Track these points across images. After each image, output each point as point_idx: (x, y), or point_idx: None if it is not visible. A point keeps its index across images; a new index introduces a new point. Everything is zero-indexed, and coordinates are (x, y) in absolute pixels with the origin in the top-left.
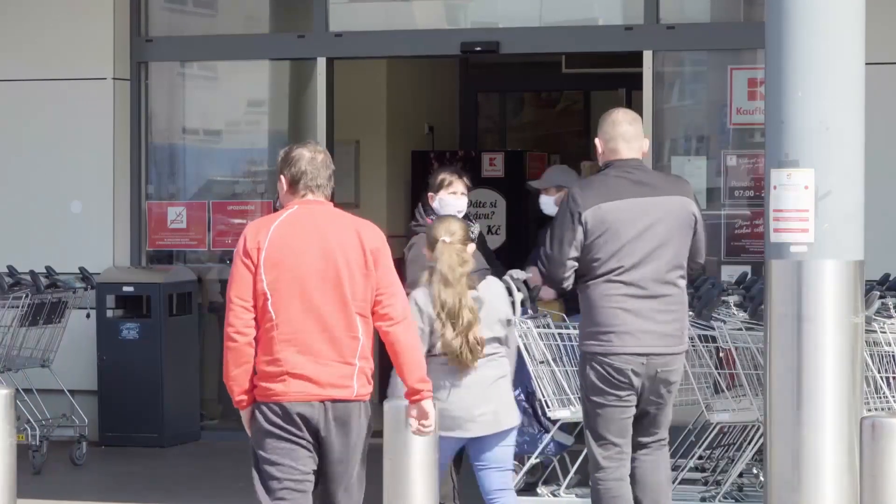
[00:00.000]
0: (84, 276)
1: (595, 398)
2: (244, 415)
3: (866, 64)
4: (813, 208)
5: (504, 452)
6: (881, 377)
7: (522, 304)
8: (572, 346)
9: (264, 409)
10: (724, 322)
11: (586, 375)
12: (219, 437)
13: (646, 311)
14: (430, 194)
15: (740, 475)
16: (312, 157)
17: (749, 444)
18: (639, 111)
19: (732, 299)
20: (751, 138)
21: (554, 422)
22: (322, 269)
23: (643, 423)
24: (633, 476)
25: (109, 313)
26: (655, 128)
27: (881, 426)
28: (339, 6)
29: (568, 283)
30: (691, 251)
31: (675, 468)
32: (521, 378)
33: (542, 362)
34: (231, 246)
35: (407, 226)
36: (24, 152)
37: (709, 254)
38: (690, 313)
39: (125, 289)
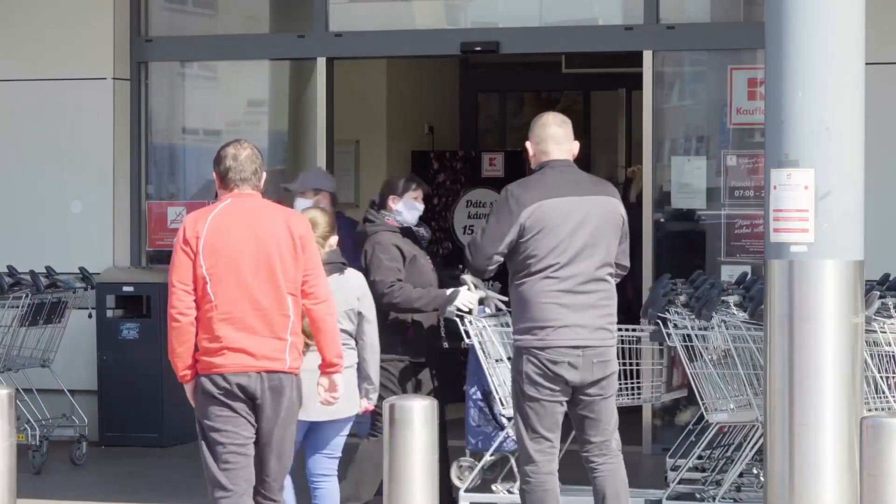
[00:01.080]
0: (84, 276)
1: (530, 392)
2: (188, 388)
3: (866, 64)
4: (813, 208)
5: (337, 440)
6: (881, 377)
7: (482, 302)
8: None
9: (206, 380)
10: (725, 322)
11: (522, 370)
12: None
13: (579, 305)
14: (392, 196)
15: (740, 475)
16: (236, 154)
17: (749, 444)
18: (639, 111)
19: (732, 299)
20: (751, 138)
21: (510, 419)
22: (255, 253)
23: (588, 416)
24: (593, 484)
25: (109, 313)
26: (655, 128)
27: (881, 426)
28: (339, 6)
29: (488, 274)
30: (618, 254)
31: (674, 468)
32: (478, 377)
33: (498, 360)
34: None
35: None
36: (24, 152)
37: (709, 254)
38: (688, 312)
39: (125, 289)
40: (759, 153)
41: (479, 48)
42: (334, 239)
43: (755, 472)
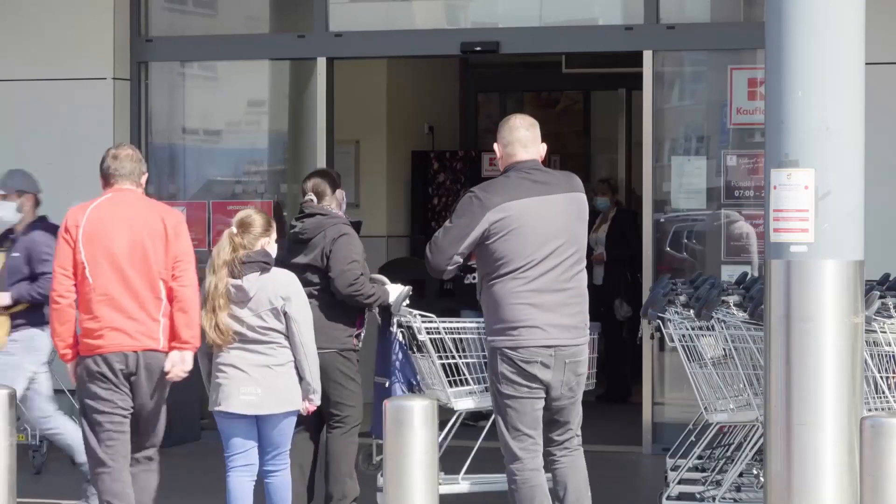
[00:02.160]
0: None
1: (507, 391)
2: (70, 367)
3: (866, 64)
4: (813, 208)
5: (275, 435)
6: (881, 377)
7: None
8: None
9: (88, 361)
10: (724, 322)
11: (497, 370)
12: (219, 438)
13: (551, 305)
14: (338, 189)
15: (740, 475)
16: (116, 154)
17: (749, 444)
18: (639, 111)
19: (732, 299)
20: (751, 138)
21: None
22: (129, 241)
23: (556, 419)
24: (553, 476)
25: None
26: (655, 128)
27: (881, 426)
28: (339, 6)
29: (447, 275)
30: None
31: (674, 468)
32: (404, 370)
33: (440, 356)
34: None
35: (407, 225)
36: (25, 152)
37: (709, 254)
38: (693, 313)
39: None
40: (759, 153)
41: (479, 48)
42: (265, 240)
43: (755, 472)
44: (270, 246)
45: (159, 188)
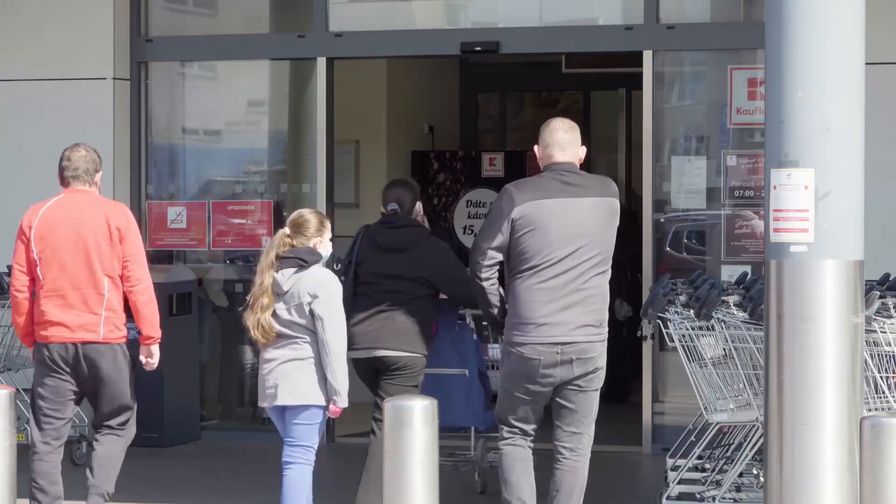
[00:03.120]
0: None
1: (507, 385)
2: (31, 352)
3: (866, 64)
4: (813, 208)
5: (295, 428)
6: (881, 377)
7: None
8: None
9: (40, 348)
10: (724, 322)
11: (504, 363)
12: (219, 437)
13: (566, 304)
14: (419, 201)
15: (740, 475)
16: (70, 155)
17: (749, 444)
18: (639, 111)
19: (732, 299)
20: (751, 138)
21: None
22: (74, 240)
23: (567, 409)
24: (553, 472)
25: None
26: (655, 128)
27: (881, 426)
28: (339, 6)
29: (485, 273)
30: None
31: (674, 468)
32: (480, 360)
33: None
34: (231, 246)
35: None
36: (25, 152)
37: (709, 254)
38: (693, 313)
39: None
40: (759, 153)
41: (479, 48)
42: (318, 240)
43: (755, 472)
44: (322, 245)
45: (159, 188)
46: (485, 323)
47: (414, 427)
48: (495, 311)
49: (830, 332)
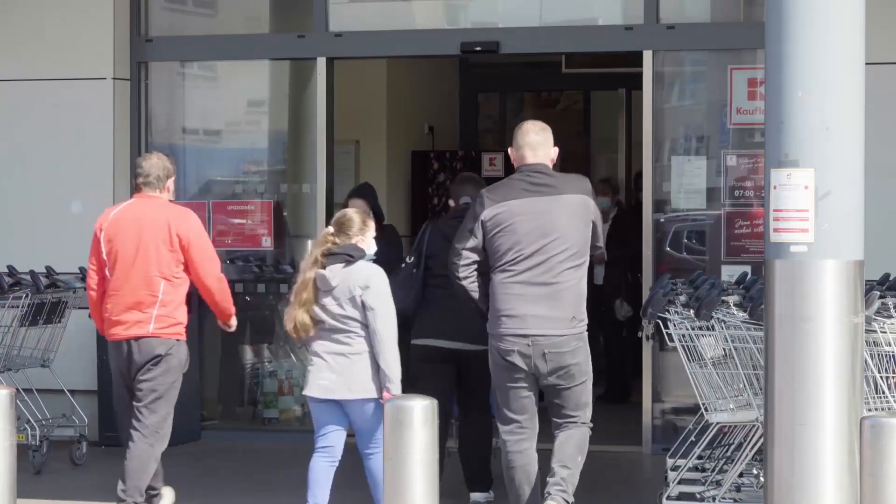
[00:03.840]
0: (84, 276)
1: (494, 377)
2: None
3: (866, 64)
4: (813, 208)
5: (362, 420)
6: (881, 377)
7: None
8: None
9: (107, 344)
10: (724, 322)
11: (489, 356)
12: (219, 437)
13: (536, 297)
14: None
15: (740, 475)
16: (142, 163)
17: (749, 444)
18: (639, 111)
19: (732, 299)
20: (751, 138)
21: None
22: (136, 243)
23: (553, 401)
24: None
25: None
26: (655, 128)
27: (881, 426)
28: (339, 6)
29: (462, 273)
30: (592, 238)
31: (674, 468)
32: None
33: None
34: (231, 246)
35: (407, 226)
36: (24, 152)
37: (709, 254)
38: (693, 313)
39: None
40: (759, 153)
41: (479, 48)
42: (360, 238)
43: (755, 472)
44: (366, 243)
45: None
46: None
47: (414, 427)
48: (480, 305)
49: (830, 332)
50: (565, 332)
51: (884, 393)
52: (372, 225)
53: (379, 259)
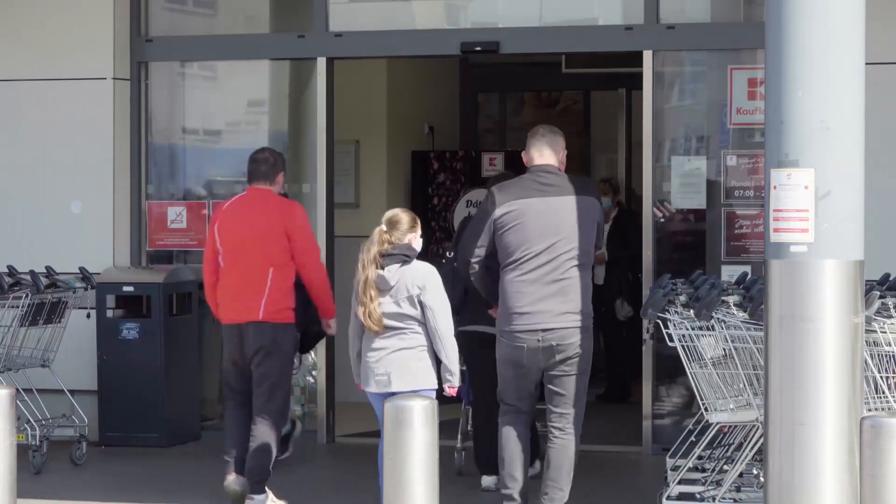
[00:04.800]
0: (84, 276)
1: (501, 369)
2: None
3: (866, 64)
4: (813, 208)
5: None
6: (881, 377)
7: None
8: None
9: (220, 327)
10: (724, 322)
11: (498, 349)
12: (219, 437)
13: (544, 293)
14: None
15: (740, 475)
16: (254, 157)
17: (749, 444)
18: (639, 111)
19: (732, 299)
20: (751, 138)
21: None
22: (246, 234)
23: (551, 393)
24: (547, 451)
25: (109, 313)
26: (655, 128)
27: (881, 426)
28: (339, 6)
29: (472, 269)
30: (596, 241)
31: (674, 468)
32: None
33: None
34: None
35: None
36: (24, 152)
37: (709, 254)
38: (693, 313)
39: (125, 289)
40: (759, 153)
41: (479, 48)
42: (411, 236)
43: (755, 472)
44: (416, 241)
45: (159, 188)
46: None
47: (414, 427)
48: (491, 297)
49: (830, 332)
50: (572, 325)
51: (884, 393)
52: (419, 224)
53: None
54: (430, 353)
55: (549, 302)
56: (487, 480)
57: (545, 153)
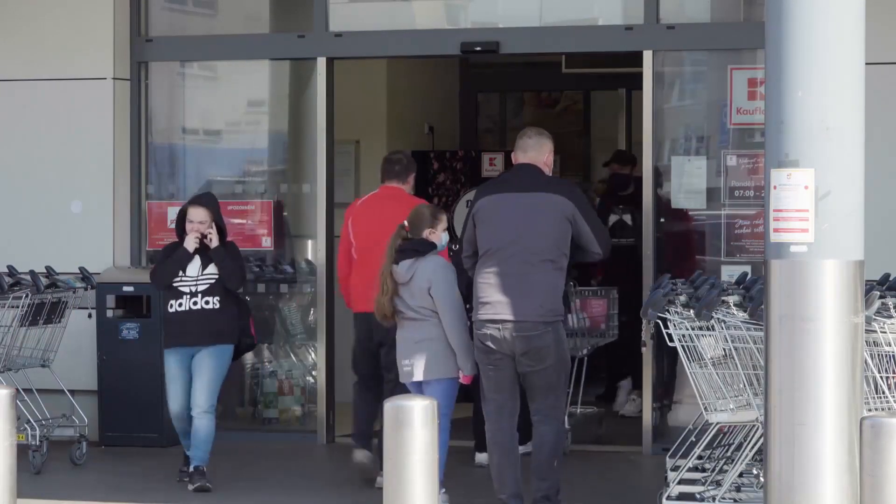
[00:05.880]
0: (84, 276)
1: (478, 360)
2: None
3: (866, 64)
4: (813, 208)
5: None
6: (881, 377)
7: None
8: None
9: (353, 315)
10: (724, 322)
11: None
12: (218, 437)
13: (507, 285)
14: None
15: (740, 475)
16: (389, 157)
17: (749, 444)
18: (639, 111)
19: (732, 299)
20: (751, 138)
21: None
22: (378, 229)
23: (527, 388)
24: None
25: (109, 313)
26: (655, 128)
27: (881, 426)
28: (339, 6)
29: (467, 264)
30: (581, 242)
31: (674, 468)
32: None
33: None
34: None
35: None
36: (24, 152)
37: (709, 254)
38: (693, 313)
39: (125, 289)
40: (759, 153)
41: (479, 48)
42: (429, 231)
43: (755, 472)
44: (436, 235)
45: (159, 188)
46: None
47: (414, 427)
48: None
49: (830, 332)
50: (533, 319)
51: (884, 393)
52: (443, 218)
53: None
54: (443, 342)
55: (510, 294)
56: (481, 457)
57: (529, 153)
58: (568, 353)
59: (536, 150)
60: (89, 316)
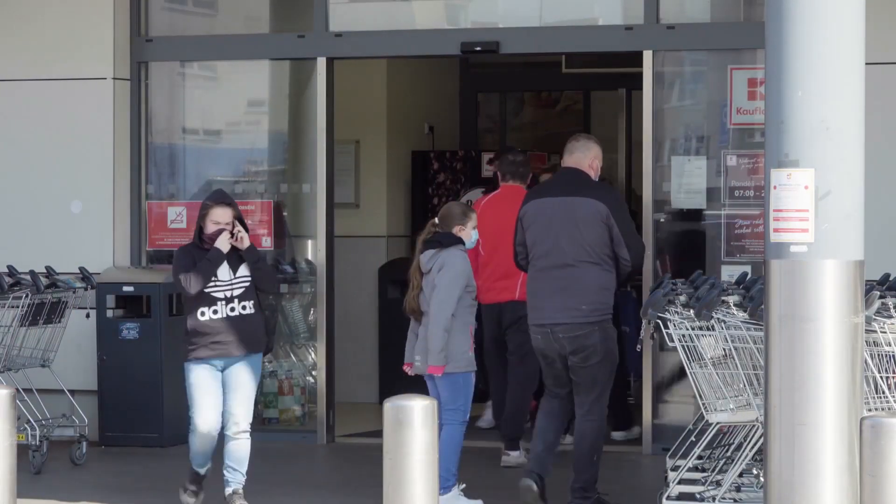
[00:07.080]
0: (84, 276)
1: (537, 356)
2: None
3: (866, 64)
4: (813, 208)
5: (441, 393)
6: (881, 377)
7: None
8: None
9: (481, 306)
10: (724, 322)
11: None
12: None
13: (550, 289)
14: None
15: (740, 475)
16: (513, 161)
17: (749, 444)
18: (639, 111)
19: (732, 299)
20: (751, 138)
21: None
22: (502, 225)
23: (574, 384)
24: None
25: (109, 313)
26: (655, 128)
27: (881, 426)
28: (339, 6)
29: (521, 264)
30: (612, 246)
31: (674, 468)
32: None
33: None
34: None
35: (407, 226)
36: (24, 152)
37: (709, 254)
38: (693, 313)
39: (125, 289)
40: (759, 153)
41: (479, 48)
42: (459, 227)
43: (755, 472)
44: (465, 233)
45: (159, 188)
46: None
47: (414, 427)
48: None
49: (830, 332)
50: (579, 319)
51: (884, 393)
52: (473, 217)
53: None
54: (462, 336)
55: (556, 297)
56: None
57: (574, 156)
58: (616, 350)
59: (581, 153)
60: (87, 316)
